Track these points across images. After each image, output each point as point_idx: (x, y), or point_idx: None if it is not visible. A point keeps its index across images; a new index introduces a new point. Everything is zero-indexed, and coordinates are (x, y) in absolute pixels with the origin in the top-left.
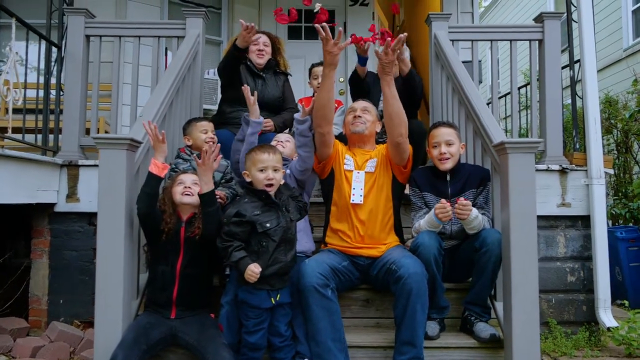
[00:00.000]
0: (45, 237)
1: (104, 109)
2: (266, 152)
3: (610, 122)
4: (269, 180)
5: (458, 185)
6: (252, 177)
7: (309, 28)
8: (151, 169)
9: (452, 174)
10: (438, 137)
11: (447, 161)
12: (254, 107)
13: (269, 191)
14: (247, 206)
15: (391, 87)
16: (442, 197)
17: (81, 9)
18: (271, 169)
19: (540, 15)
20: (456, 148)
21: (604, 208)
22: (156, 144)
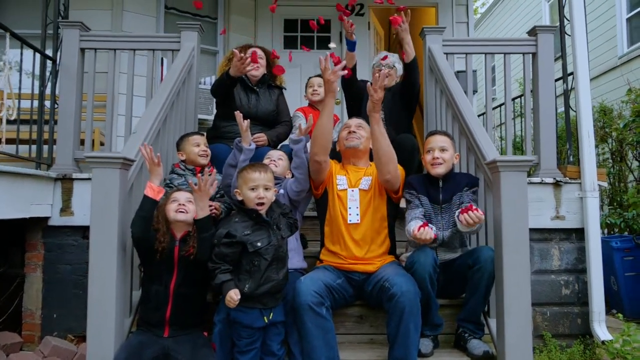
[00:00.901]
0: (39, 250)
1: (99, 119)
2: (257, 170)
3: (605, 131)
4: (260, 199)
5: (449, 192)
6: (243, 196)
7: (304, 38)
8: (147, 192)
9: (445, 181)
10: (432, 143)
11: (440, 166)
12: (246, 134)
13: (259, 210)
14: (237, 226)
15: (380, 125)
16: (434, 203)
17: (76, 22)
18: (262, 187)
19: (533, 29)
20: (449, 155)
21: (597, 221)
22: (152, 167)
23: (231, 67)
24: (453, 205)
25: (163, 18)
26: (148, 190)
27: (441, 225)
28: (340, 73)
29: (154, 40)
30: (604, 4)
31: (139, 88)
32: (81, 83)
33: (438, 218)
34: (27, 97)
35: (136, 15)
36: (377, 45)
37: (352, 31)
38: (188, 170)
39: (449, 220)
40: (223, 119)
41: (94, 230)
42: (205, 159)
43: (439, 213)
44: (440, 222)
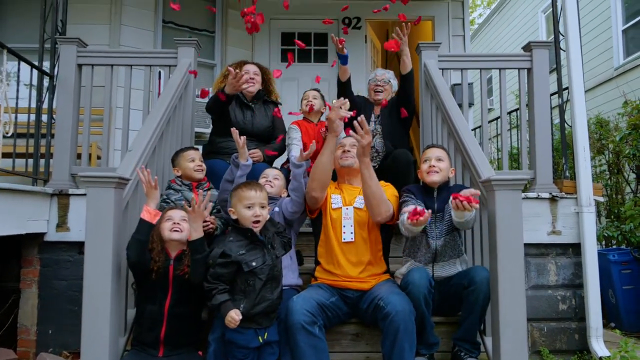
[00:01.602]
0: (35, 266)
1: (96, 132)
2: (253, 189)
3: (601, 143)
4: (256, 217)
5: (443, 202)
6: (239, 214)
7: (301, 51)
8: (143, 216)
9: (439, 191)
10: (429, 154)
11: (435, 174)
12: (242, 150)
13: (255, 228)
14: (232, 245)
15: (369, 169)
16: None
17: (73, 38)
18: (258, 205)
19: (528, 45)
20: (445, 165)
21: (594, 236)
22: (149, 190)
23: (226, 84)
24: (446, 215)
25: (161, 32)
26: (145, 213)
27: (435, 234)
28: (343, 114)
29: (151, 56)
30: (600, 16)
31: (136, 101)
32: (78, 98)
33: (432, 227)
34: (24, 111)
35: (134, 29)
36: (375, 58)
37: (343, 46)
38: (184, 186)
39: (442, 230)
40: (219, 135)
41: (89, 249)
42: (201, 174)
43: (433, 222)
44: (434, 230)
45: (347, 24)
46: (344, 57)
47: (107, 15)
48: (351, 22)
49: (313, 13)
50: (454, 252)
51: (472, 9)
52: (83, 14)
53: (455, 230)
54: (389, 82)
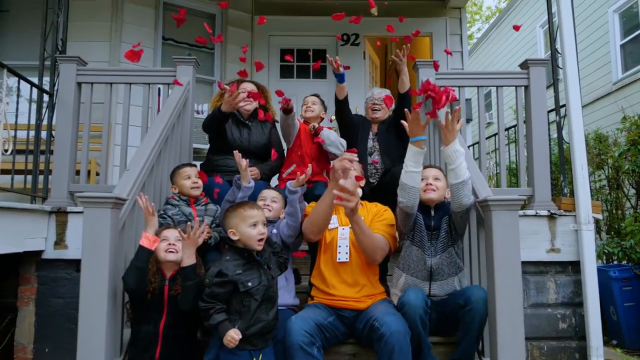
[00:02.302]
0: (32, 284)
1: (95, 149)
2: (254, 207)
3: (601, 158)
4: (261, 234)
5: (440, 219)
6: (242, 234)
7: (300, 67)
8: (142, 243)
9: (436, 210)
10: (426, 173)
11: (432, 192)
12: (245, 173)
13: (259, 246)
14: (228, 265)
15: (359, 224)
16: (426, 229)
17: (73, 57)
18: (261, 223)
19: (525, 62)
20: (442, 184)
21: (593, 254)
22: (147, 216)
23: (223, 102)
24: (442, 231)
25: (161, 49)
26: (144, 240)
27: (431, 251)
28: (348, 165)
29: (150, 74)
30: (598, 30)
31: (135, 118)
32: (77, 116)
33: (428, 244)
34: (23, 128)
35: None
36: (373, 74)
37: (338, 66)
38: (182, 201)
39: (437, 247)
40: (216, 153)
41: (85, 270)
42: (197, 191)
43: (429, 239)
44: (431, 248)
45: (346, 41)
46: (340, 75)
47: (107, 32)
48: (349, 39)
49: (311, 30)
50: (451, 269)
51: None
52: (83, 32)
53: (453, 245)
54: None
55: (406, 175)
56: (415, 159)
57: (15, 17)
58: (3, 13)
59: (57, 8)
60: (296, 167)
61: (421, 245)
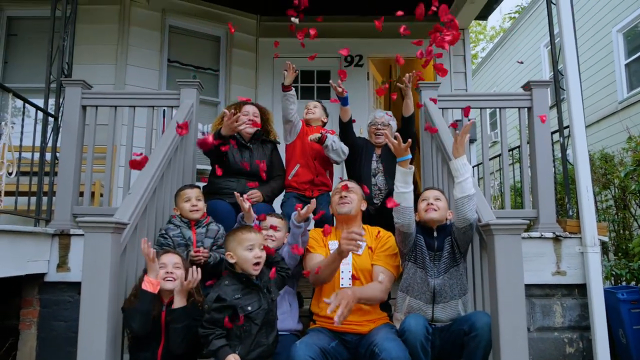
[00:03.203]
0: (35, 307)
1: (99, 170)
2: (252, 231)
3: (607, 178)
4: (257, 258)
5: (443, 240)
6: (238, 257)
7: (304, 88)
8: (145, 287)
9: (439, 231)
10: (427, 194)
11: (433, 212)
12: (249, 214)
13: (255, 270)
14: (227, 289)
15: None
16: (429, 249)
17: (78, 80)
18: (258, 247)
19: (528, 84)
20: (443, 204)
21: (600, 277)
22: (149, 262)
23: (223, 126)
24: (445, 252)
25: (166, 71)
26: (147, 285)
27: (434, 272)
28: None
29: (154, 97)
30: (603, 49)
31: (139, 139)
32: (82, 139)
33: (431, 265)
34: (28, 150)
35: (139, 69)
36: (377, 95)
37: (343, 91)
38: (183, 223)
39: (440, 268)
40: (218, 176)
41: (85, 295)
42: (197, 214)
43: (432, 260)
44: (433, 269)
45: (350, 62)
46: (344, 99)
47: (113, 55)
48: (353, 60)
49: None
50: (454, 291)
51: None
52: (90, 54)
53: (456, 266)
54: (388, 125)
55: (398, 196)
56: (404, 179)
57: (23, 40)
58: (12, 37)
59: (63, 32)
60: (300, 167)
61: (423, 266)
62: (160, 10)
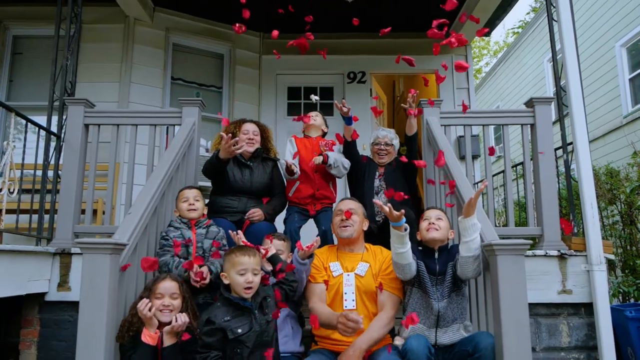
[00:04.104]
0: (35, 326)
1: (102, 188)
2: (246, 254)
3: (613, 194)
4: (248, 283)
5: (444, 263)
6: (231, 280)
7: (308, 105)
8: (145, 340)
9: (440, 252)
10: (429, 214)
11: (435, 231)
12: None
13: (246, 294)
14: (218, 311)
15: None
16: (430, 273)
17: (81, 99)
18: (251, 272)
19: (530, 101)
20: (445, 224)
21: (606, 296)
22: (146, 319)
23: (220, 149)
24: (447, 276)
25: (169, 89)
26: (146, 338)
27: (437, 296)
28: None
29: (156, 116)
30: (607, 64)
31: (142, 156)
32: (84, 157)
33: (433, 289)
34: (30, 167)
35: (143, 86)
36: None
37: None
38: (183, 224)
39: (443, 292)
40: (219, 194)
41: (83, 317)
42: (194, 213)
43: (434, 284)
44: (436, 293)
45: (352, 78)
46: (348, 118)
47: (117, 73)
48: (356, 76)
49: (318, 68)
50: (455, 313)
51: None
52: (94, 72)
53: (458, 290)
54: (391, 144)
55: (397, 256)
56: (400, 241)
57: (28, 59)
58: (17, 55)
59: (67, 51)
60: (300, 183)
61: (426, 290)
62: (164, 29)
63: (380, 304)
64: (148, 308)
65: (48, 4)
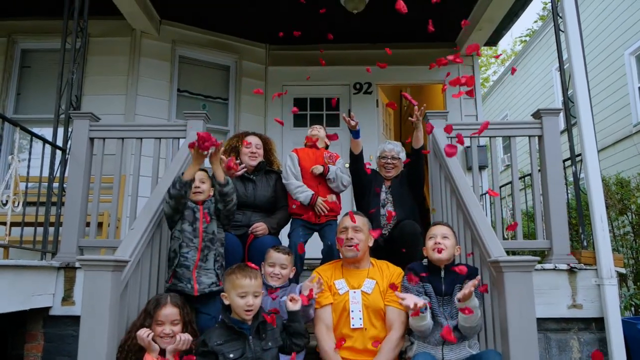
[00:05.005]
0: (39, 341)
1: (107, 200)
2: (248, 276)
3: (623, 204)
4: (249, 306)
5: (451, 283)
6: (231, 301)
7: (313, 116)
8: None
9: (446, 271)
10: (434, 231)
11: (441, 252)
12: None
13: (248, 316)
14: (213, 334)
15: None
16: (437, 294)
17: (86, 113)
18: (252, 295)
19: (537, 112)
20: (451, 244)
21: (617, 310)
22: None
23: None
24: (454, 298)
25: (175, 101)
26: None
27: (443, 317)
28: None
29: (160, 129)
30: (616, 72)
31: (147, 168)
32: (89, 171)
33: (440, 310)
34: (35, 180)
35: (149, 99)
36: (387, 122)
37: (356, 124)
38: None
39: (451, 312)
40: None
41: (83, 335)
42: (200, 196)
43: (441, 304)
44: (443, 313)
45: (358, 89)
46: (355, 132)
47: (123, 85)
48: (362, 87)
49: (324, 79)
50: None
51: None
52: (101, 85)
53: None
54: (398, 158)
55: (416, 328)
56: (418, 324)
57: (36, 72)
58: (25, 69)
59: (73, 65)
60: None
61: (432, 310)
62: (170, 41)
63: (389, 322)
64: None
65: (56, 17)
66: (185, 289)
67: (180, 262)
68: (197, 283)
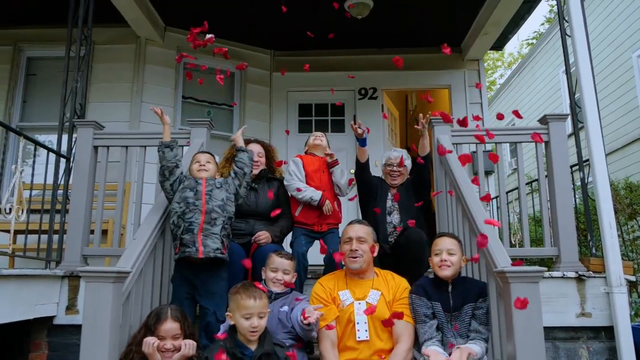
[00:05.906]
0: (43, 350)
1: (111, 207)
2: (252, 297)
3: (633, 209)
4: (253, 328)
5: (459, 298)
6: (236, 322)
7: (319, 121)
8: None
9: (454, 286)
10: (440, 246)
11: (447, 269)
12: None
13: (252, 337)
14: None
15: None
16: (444, 309)
17: (90, 121)
18: (256, 316)
19: (544, 118)
20: (457, 258)
21: (627, 318)
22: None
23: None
24: (464, 315)
25: (180, 108)
26: None
27: (451, 334)
28: None
29: None
30: (624, 75)
31: (151, 175)
32: (93, 179)
33: (448, 326)
34: (39, 188)
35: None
36: (392, 126)
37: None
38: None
39: (459, 329)
40: None
41: (84, 346)
42: (205, 173)
43: (449, 320)
44: (450, 330)
45: (364, 94)
46: (362, 140)
47: (128, 93)
48: (367, 93)
49: (329, 85)
50: None
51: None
52: (106, 93)
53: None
54: (404, 166)
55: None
56: None
57: (41, 80)
58: (30, 77)
59: (77, 74)
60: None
61: (440, 327)
62: (174, 48)
63: (397, 334)
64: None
65: (61, 25)
66: (191, 253)
67: (185, 227)
68: (203, 245)
